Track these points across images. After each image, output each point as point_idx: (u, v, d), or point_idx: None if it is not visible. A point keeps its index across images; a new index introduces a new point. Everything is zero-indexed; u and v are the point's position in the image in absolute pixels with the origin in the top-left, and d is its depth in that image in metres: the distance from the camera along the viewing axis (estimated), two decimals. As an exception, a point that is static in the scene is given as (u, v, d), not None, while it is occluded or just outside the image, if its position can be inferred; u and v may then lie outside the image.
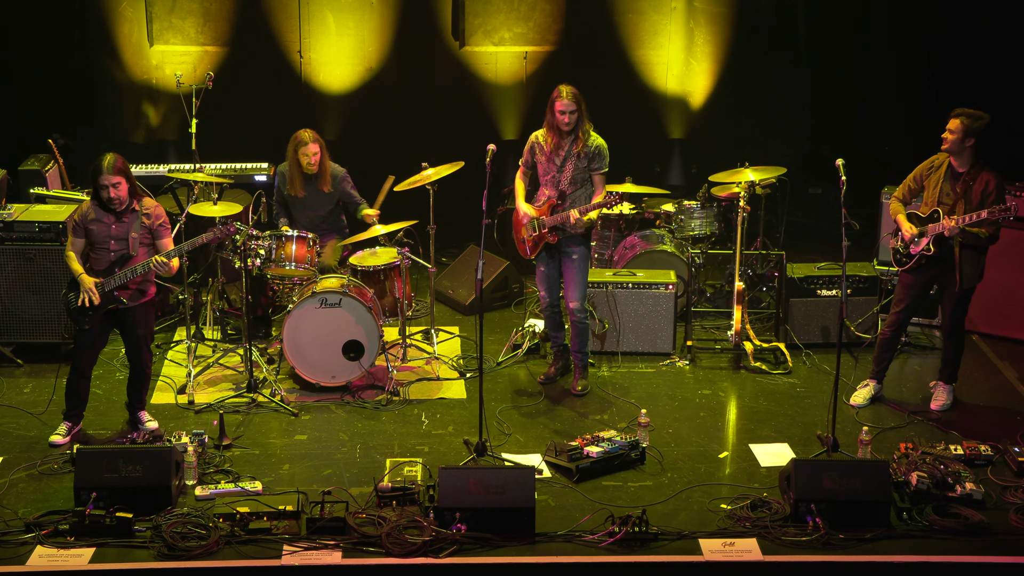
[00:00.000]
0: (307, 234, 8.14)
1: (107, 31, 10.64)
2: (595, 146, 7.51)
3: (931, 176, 7.39)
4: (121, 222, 6.97)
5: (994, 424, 7.44)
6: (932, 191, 7.37)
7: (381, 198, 8.61)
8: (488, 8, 10.86)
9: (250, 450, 7.08)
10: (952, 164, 7.29)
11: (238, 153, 9.86)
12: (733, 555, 6.03)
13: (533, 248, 7.73)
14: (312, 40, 10.79)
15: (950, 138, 7.21)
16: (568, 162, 7.50)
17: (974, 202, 7.21)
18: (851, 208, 6.93)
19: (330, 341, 7.76)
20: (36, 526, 6.14)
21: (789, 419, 7.55)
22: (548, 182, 7.61)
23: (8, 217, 8.14)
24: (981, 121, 7.18)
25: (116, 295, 6.96)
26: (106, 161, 6.86)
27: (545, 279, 7.80)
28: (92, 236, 6.98)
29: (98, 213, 6.97)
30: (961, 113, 7.21)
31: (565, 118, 7.39)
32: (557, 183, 7.56)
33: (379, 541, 6.03)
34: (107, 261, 6.97)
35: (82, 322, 6.99)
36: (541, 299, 7.91)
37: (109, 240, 6.96)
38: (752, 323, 8.72)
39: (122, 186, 6.90)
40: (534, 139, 7.64)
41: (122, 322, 7.12)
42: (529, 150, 7.67)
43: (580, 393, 7.80)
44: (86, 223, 6.97)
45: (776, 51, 11.17)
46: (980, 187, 7.21)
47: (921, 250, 7.34)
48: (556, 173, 7.55)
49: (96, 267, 7.00)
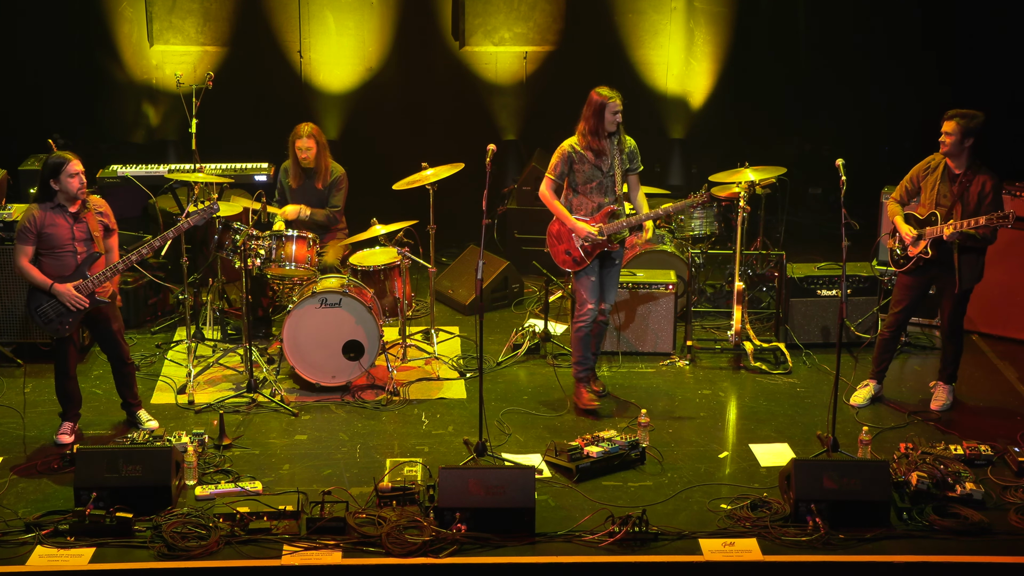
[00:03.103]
0: (307, 234, 8.15)
1: (107, 31, 10.65)
2: (632, 146, 7.40)
3: (928, 177, 7.39)
4: (80, 222, 6.85)
5: (994, 424, 7.44)
6: (929, 192, 7.36)
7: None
8: (488, 8, 10.87)
9: (250, 450, 7.08)
10: (949, 165, 7.28)
11: (238, 153, 9.86)
12: (733, 555, 6.03)
13: (582, 260, 7.43)
14: (312, 40, 10.79)
15: (949, 141, 7.20)
16: (616, 166, 7.33)
17: (971, 204, 7.20)
18: (851, 208, 6.93)
19: (330, 341, 7.76)
20: (36, 526, 6.14)
21: (789, 419, 7.56)
22: (595, 189, 7.34)
23: (8, 217, 8.13)
24: (977, 120, 7.16)
25: (97, 298, 6.90)
26: (68, 154, 6.77)
27: (596, 289, 7.52)
28: (50, 241, 6.78)
29: (52, 217, 6.80)
30: (955, 114, 7.18)
31: (618, 117, 7.24)
32: (609, 188, 7.36)
33: (379, 541, 6.03)
34: (72, 264, 6.83)
35: (62, 331, 6.88)
36: (588, 311, 7.49)
37: (72, 243, 6.82)
38: (752, 323, 8.73)
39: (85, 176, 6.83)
40: (569, 149, 7.32)
41: (94, 320, 7.02)
42: (565, 161, 7.33)
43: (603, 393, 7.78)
44: (41, 229, 6.77)
45: (776, 51, 11.17)
46: (977, 188, 7.20)
47: (919, 252, 7.34)
48: (604, 178, 7.33)
49: (56, 272, 6.81)
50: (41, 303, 6.83)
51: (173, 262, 8.63)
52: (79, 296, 6.80)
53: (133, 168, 9.63)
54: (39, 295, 6.83)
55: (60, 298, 6.79)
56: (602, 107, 7.22)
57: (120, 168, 9.62)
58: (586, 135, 7.30)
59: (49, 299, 6.82)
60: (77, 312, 6.85)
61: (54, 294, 6.79)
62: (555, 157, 7.39)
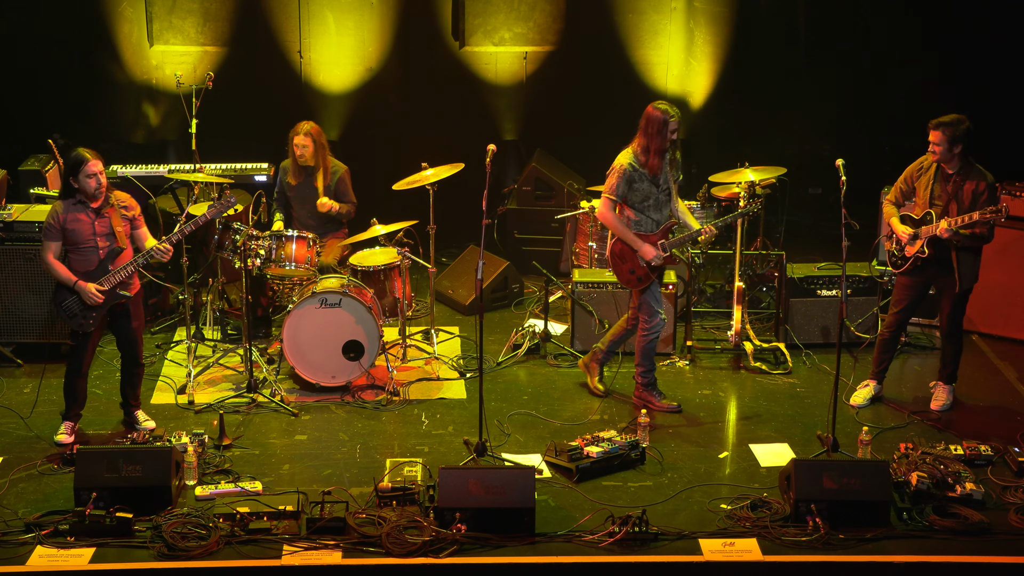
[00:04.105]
0: (307, 234, 8.15)
1: (107, 31, 10.63)
2: (678, 158, 7.37)
3: (921, 178, 7.38)
4: (102, 217, 6.90)
5: (994, 424, 7.44)
6: (923, 192, 7.36)
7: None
8: (488, 8, 10.85)
9: (250, 450, 7.08)
10: (942, 166, 7.28)
11: (238, 153, 9.86)
12: (733, 555, 6.03)
13: (647, 277, 7.39)
14: (312, 40, 10.78)
15: (938, 150, 7.18)
16: (670, 180, 7.29)
17: (966, 202, 7.20)
18: (851, 208, 6.93)
19: (330, 341, 7.76)
20: (36, 526, 6.14)
21: (789, 419, 7.55)
22: (651, 206, 7.29)
23: (8, 217, 8.14)
24: (963, 125, 7.14)
25: (119, 292, 6.95)
26: (87, 152, 6.82)
27: (661, 297, 7.51)
28: (73, 237, 6.86)
29: (74, 213, 6.87)
30: (939, 124, 7.15)
31: (675, 135, 7.16)
32: (664, 203, 7.31)
33: (379, 541, 6.03)
34: (95, 260, 6.90)
35: (86, 326, 6.95)
36: (660, 321, 7.49)
37: (94, 238, 6.89)
38: (752, 323, 8.73)
39: (104, 174, 6.88)
40: (628, 167, 7.21)
41: (117, 317, 7.08)
42: (627, 180, 7.23)
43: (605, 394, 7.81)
44: (64, 225, 6.85)
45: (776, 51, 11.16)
46: (971, 187, 7.20)
47: (916, 252, 7.33)
48: (659, 194, 7.29)
49: (81, 268, 6.89)
50: (66, 298, 6.91)
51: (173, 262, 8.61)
52: (96, 294, 6.85)
53: (133, 168, 9.63)
54: (64, 290, 6.90)
55: (82, 295, 6.86)
56: (664, 124, 7.12)
57: (120, 168, 9.62)
58: (645, 153, 7.20)
59: (73, 294, 6.89)
60: (101, 306, 6.90)
61: (77, 291, 6.85)
62: (612, 177, 7.27)
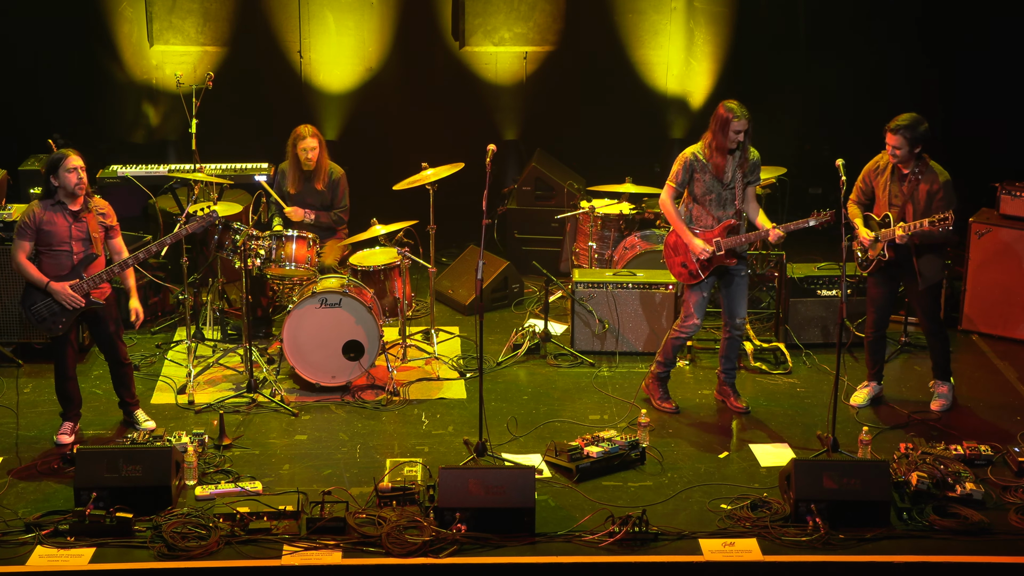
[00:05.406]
0: (307, 234, 8.15)
1: (107, 31, 10.64)
2: (755, 159, 7.29)
3: (878, 178, 7.34)
4: (80, 221, 6.83)
5: (994, 424, 7.44)
6: (882, 193, 7.33)
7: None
8: (488, 8, 10.86)
9: (250, 450, 7.08)
10: (898, 166, 7.23)
11: (238, 153, 9.86)
12: (733, 555, 6.03)
13: (697, 275, 7.34)
14: (312, 40, 10.79)
15: (899, 153, 7.11)
16: (737, 180, 7.23)
17: (921, 203, 7.15)
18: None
19: (330, 341, 7.76)
20: (36, 526, 6.14)
21: (789, 419, 7.55)
22: (713, 202, 7.23)
23: (8, 217, 8.13)
24: (922, 125, 7.08)
25: (92, 299, 6.89)
26: (67, 150, 6.77)
27: (704, 304, 7.44)
28: (47, 238, 6.77)
29: (52, 214, 6.79)
30: (897, 127, 7.07)
31: (740, 136, 7.12)
32: (728, 202, 7.25)
33: (379, 541, 6.03)
34: (68, 264, 6.81)
35: (55, 331, 6.86)
36: (692, 325, 7.44)
37: (70, 242, 6.81)
38: (752, 323, 8.73)
39: (85, 172, 6.80)
40: (691, 157, 7.21)
41: (92, 321, 7.02)
42: (687, 169, 7.23)
43: (745, 410, 7.61)
44: (39, 225, 6.76)
45: (776, 51, 11.16)
46: (927, 187, 7.16)
47: (878, 255, 7.32)
48: (724, 191, 7.22)
49: (53, 272, 6.80)
50: (35, 301, 6.81)
51: (173, 262, 8.63)
52: (75, 295, 6.78)
53: (133, 168, 9.62)
54: (34, 293, 6.81)
55: (56, 296, 6.78)
56: (727, 123, 7.10)
57: (120, 168, 9.61)
58: (710, 147, 7.20)
59: (44, 297, 6.80)
60: (71, 312, 6.84)
61: (50, 292, 6.78)
62: (676, 164, 7.27)
